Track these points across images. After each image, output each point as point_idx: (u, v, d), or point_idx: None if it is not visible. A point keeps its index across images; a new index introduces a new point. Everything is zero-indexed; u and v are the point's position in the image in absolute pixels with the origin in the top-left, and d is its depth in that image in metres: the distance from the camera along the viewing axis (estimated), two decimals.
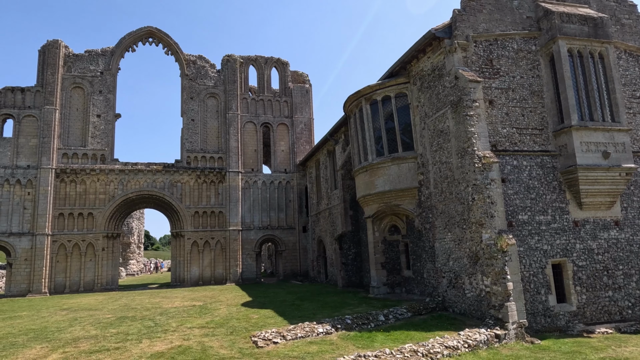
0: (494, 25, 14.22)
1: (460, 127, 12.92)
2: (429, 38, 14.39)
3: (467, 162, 12.59)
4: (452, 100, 13.49)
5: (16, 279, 25.68)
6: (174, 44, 31.39)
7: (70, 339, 9.99)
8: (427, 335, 10.44)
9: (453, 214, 13.42)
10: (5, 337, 10.34)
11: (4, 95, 27.46)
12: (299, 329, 10.37)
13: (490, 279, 11.65)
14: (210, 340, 9.55)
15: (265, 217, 31.19)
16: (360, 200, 17.99)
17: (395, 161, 16.11)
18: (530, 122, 13.86)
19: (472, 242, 12.49)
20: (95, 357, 8.12)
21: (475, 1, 14.19)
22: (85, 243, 27.27)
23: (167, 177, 29.36)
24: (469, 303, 12.63)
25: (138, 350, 8.56)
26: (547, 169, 13.62)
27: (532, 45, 14.45)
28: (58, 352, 8.49)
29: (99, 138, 28.69)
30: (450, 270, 13.59)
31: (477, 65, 13.75)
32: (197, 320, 12.20)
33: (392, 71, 16.80)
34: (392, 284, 17.18)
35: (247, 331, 10.46)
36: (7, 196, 26.40)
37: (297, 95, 33.43)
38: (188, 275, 28.78)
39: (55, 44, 28.41)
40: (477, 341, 9.97)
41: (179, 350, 8.54)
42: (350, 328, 11.05)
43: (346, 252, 21.35)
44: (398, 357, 8.43)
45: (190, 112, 30.72)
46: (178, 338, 9.76)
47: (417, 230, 15.81)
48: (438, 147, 14.27)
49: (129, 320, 12.69)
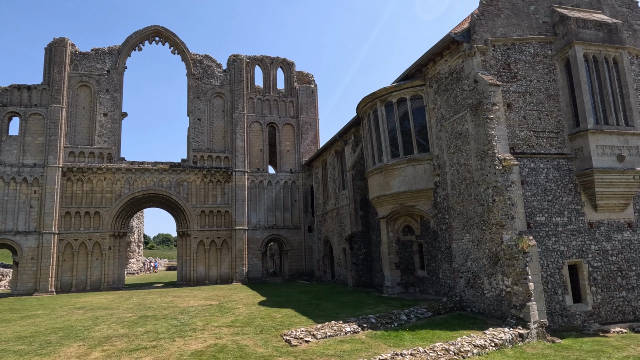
0: (511, 29, 14.46)
1: (481, 129, 13.14)
2: (448, 41, 14.61)
3: (488, 164, 12.80)
4: (471, 103, 13.71)
5: (22, 278, 25.59)
6: (181, 43, 31.40)
7: (102, 337, 10.07)
8: (452, 334, 10.64)
9: (472, 215, 13.64)
10: (35, 336, 10.39)
11: (10, 92, 27.33)
12: (327, 328, 10.53)
13: (511, 279, 11.88)
14: (243, 339, 9.68)
15: (270, 217, 31.30)
16: (374, 201, 18.17)
17: (411, 162, 16.31)
18: (546, 125, 14.12)
19: (491, 243, 12.72)
20: (136, 355, 8.22)
21: (493, 6, 14.43)
22: (92, 242, 27.22)
23: (173, 177, 29.38)
24: (488, 303, 12.86)
25: (175, 349, 8.67)
26: (563, 171, 13.89)
27: (548, 50, 14.70)
28: (97, 351, 8.58)
29: (105, 137, 28.64)
30: (468, 271, 13.81)
31: (495, 69, 13.97)
32: (221, 320, 12.32)
33: (408, 74, 17.01)
34: (406, 283, 17.39)
35: (276, 330, 10.60)
36: (14, 194, 26.29)
37: (302, 96, 33.56)
38: (194, 275, 28.82)
39: (62, 42, 28.31)
40: (503, 340, 10.20)
41: (217, 349, 8.66)
42: (375, 327, 11.24)
43: (356, 252, 21.53)
44: (431, 356, 8.63)
45: (197, 111, 30.75)
46: (210, 337, 9.88)
47: (433, 231, 16.02)
48: (456, 149, 14.49)
49: (152, 320, 12.78)
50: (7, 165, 26.38)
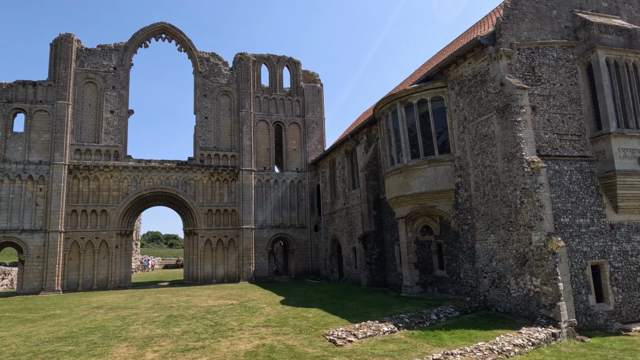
0: (535, 33, 14.69)
1: (508, 132, 13.34)
2: (473, 44, 14.79)
3: (515, 166, 13.01)
4: (497, 105, 13.90)
5: (28, 277, 25.26)
6: (187, 40, 31.19)
7: (143, 337, 10.04)
8: (488, 333, 10.83)
9: (497, 216, 13.84)
10: (74, 336, 10.30)
11: (15, 89, 26.91)
12: (366, 328, 10.64)
13: (540, 280, 12.10)
14: (286, 339, 9.73)
15: (277, 216, 31.31)
16: (392, 201, 18.31)
17: (431, 163, 16.47)
18: (569, 128, 14.38)
19: (519, 243, 12.93)
20: (190, 355, 8.22)
21: (518, 10, 14.63)
22: (98, 240, 26.97)
23: (180, 175, 29.21)
24: (515, 302, 13.07)
25: (225, 349, 8.70)
26: (585, 173, 14.17)
27: (570, 54, 14.97)
28: (149, 351, 8.56)
29: (112, 134, 28.35)
30: (493, 271, 14.02)
31: (520, 72, 14.19)
32: (253, 319, 12.34)
33: (429, 75, 17.16)
34: (424, 283, 17.57)
35: (315, 330, 10.66)
36: (19, 192, 25.92)
37: (308, 95, 33.59)
38: (201, 273, 28.72)
39: (67, 38, 27.94)
40: (539, 339, 10.40)
41: (267, 349, 8.71)
42: (410, 327, 11.37)
43: (370, 251, 21.68)
44: (478, 355, 8.78)
45: (204, 109, 30.60)
46: (253, 337, 9.91)
47: (454, 231, 16.22)
48: (480, 150, 14.68)
49: (182, 319, 12.75)
50: (12, 162, 25.98)
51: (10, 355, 8.32)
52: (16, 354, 8.47)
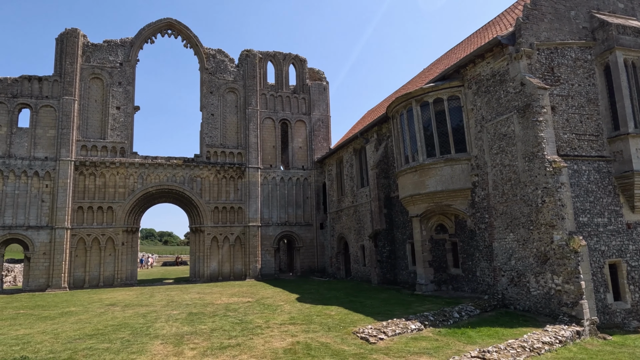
0: (554, 34, 14.78)
1: (529, 132, 13.43)
2: (492, 44, 14.86)
3: (537, 165, 13.11)
4: (518, 105, 13.98)
5: (34, 274, 25.06)
6: (194, 36, 31.01)
7: (174, 335, 10.01)
8: (513, 331, 10.92)
9: (517, 215, 13.95)
10: (103, 334, 10.25)
11: (21, 84, 26.62)
12: (394, 326, 10.69)
13: (561, 278, 12.23)
14: (317, 336, 9.75)
15: (283, 214, 31.29)
16: (406, 200, 18.37)
17: (448, 162, 16.54)
18: (587, 128, 14.51)
19: (540, 242, 13.04)
20: (230, 353, 8.22)
21: (537, 10, 14.72)
22: (105, 237, 26.81)
23: (187, 172, 29.09)
24: (535, 301, 13.19)
25: (262, 347, 8.70)
26: (602, 173, 14.32)
27: (587, 55, 15.09)
28: (186, 349, 8.54)
29: (118, 130, 28.16)
30: (512, 269, 14.13)
31: (540, 72, 14.29)
32: (277, 317, 12.35)
33: (445, 74, 17.22)
34: (439, 281, 17.67)
35: (343, 327, 10.69)
36: (25, 188, 25.68)
37: (314, 93, 33.56)
38: (207, 271, 28.65)
39: (73, 33, 27.68)
40: (565, 337, 10.52)
41: (303, 347, 8.72)
42: (435, 324, 11.44)
43: (381, 249, 21.75)
44: (512, 353, 8.86)
45: (210, 106, 30.47)
46: (284, 335, 9.92)
47: (470, 229, 16.32)
48: (499, 150, 14.76)
49: (205, 317, 12.72)
50: (17, 158, 25.72)
51: (49, 353, 8.26)
52: (53, 351, 8.41)
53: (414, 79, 27.63)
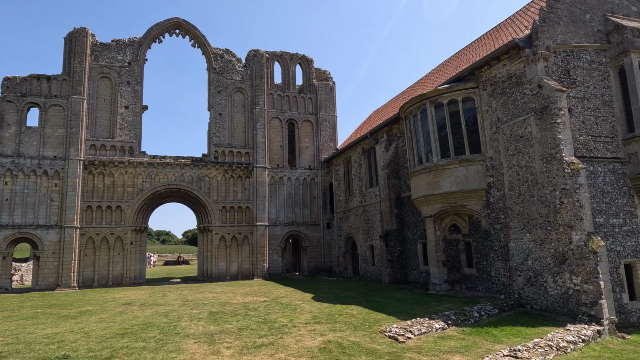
0: (569, 37, 14.96)
1: (547, 133, 13.59)
2: (509, 46, 15.01)
3: (555, 167, 13.27)
4: (535, 107, 14.14)
5: (44, 272, 25.08)
6: (202, 36, 31.05)
7: (204, 334, 10.10)
8: (535, 330, 11.08)
9: (534, 216, 14.11)
10: (133, 333, 10.32)
11: (30, 82, 26.60)
12: (419, 325, 10.82)
13: (580, 278, 12.40)
14: (346, 335, 9.87)
15: (290, 213, 31.40)
16: (419, 200, 18.51)
17: (462, 163, 16.70)
18: (602, 130, 14.70)
19: (558, 242, 13.21)
20: (266, 351, 8.33)
21: (553, 13, 14.89)
22: (113, 237, 26.84)
23: (195, 171, 29.15)
24: (552, 300, 13.36)
25: (295, 346, 8.81)
26: (617, 174, 14.51)
27: (602, 57, 15.27)
28: (222, 347, 8.63)
29: (127, 130, 28.19)
30: (528, 269, 14.30)
31: (556, 74, 14.46)
32: (300, 316, 12.46)
33: (460, 76, 17.38)
34: (452, 281, 17.83)
35: (369, 327, 10.82)
36: (34, 187, 25.68)
37: (321, 93, 33.67)
38: (215, 270, 28.73)
39: (82, 32, 27.67)
40: (587, 336, 10.68)
41: (336, 345, 8.84)
42: (457, 324, 11.58)
43: (392, 249, 21.89)
44: (540, 351, 9.02)
45: (218, 106, 30.53)
46: (313, 333, 10.03)
47: (484, 230, 16.48)
48: (516, 151, 14.92)
49: (227, 316, 12.81)
50: (26, 157, 25.72)
51: (88, 351, 8.34)
52: (91, 349, 8.48)
53: (423, 80, 27.80)
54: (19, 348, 8.76)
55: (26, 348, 8.73)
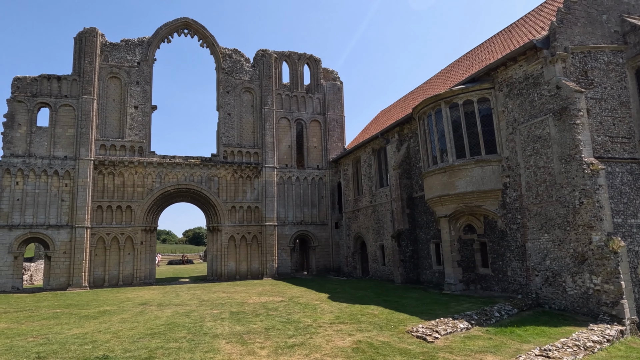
0: (587, 38, 15.03)
1: (566, 134, 13.66)
2: (526, 47, 15.08)
3: (574, 168, 13.35)
4: (553, 108, 14.21)
5: (55, 272, 25.13)
6: (210, 36, 31.09)
7: (232, 334, 10.16)
8: (558, 330, 11.16)
9: (552, 216, 14.19)
10: (161, 333, 10.37)
11: (40, 83, 26.63)
12: (443, 325, 10.90)
13: (600, 278, 12.48)
14: (374, 335, 9.94)
15: (298, 213, 31.47)
16: (434, 200, 18.58)
17: (478, 163, 16.77)
18: (619, 131, 14.78)
19: (577, 243, 13.29)
20: (301, 351, 8.39)
21: (571, 14, 14.96)
22: (124, 236, 26.89)
23: (204, 171, 29.20)
24: (572, 300, 13.45)
25: (327, 346, 8.87)
26: (635, 175, 14.59)
27: (619, 59, 15.35)
28: (256, 347, 8.69)
29: (136, 130, 28.23)
30: (546, 269, 14.38)
31: (574, 75, 14.53)
32: (323, 316, 12.52)
33: (475, 77, 17.44)
34: (467, 281, 17.91)
35: (394, 327, 10.89)
36: (45, 187, 25.72)
37: (329, 93, 33.72)
38: (225, 270, 28.80)
39: (92, 32, 27.69)
40: (611, 336, 10.76)
41: (367, 345, 8.91)
42: (480, 324, 11.66)
43: (404, 249, 21.97)
44: (568, 351, 9.10)
45: (227, 106, 30.58)
46: (341, 333, 10.09)
47: (500, 230, 16.56)
48: (533, 152, 15.00)
49: (249, 316, 12.88)
50: (37, 157, 25.76)
51: (125, 352, 8.39)
52: (128, 350, 8.54)
53: (432, 80, 27.87)
54: (54, 348, 8.82)
55: (61, 348, 8.79)
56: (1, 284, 23.91)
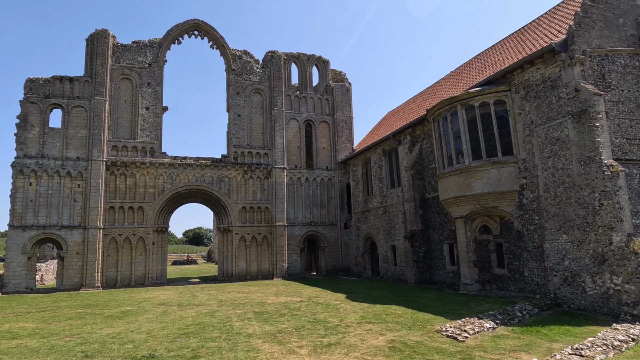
0: (604, 41, 15.23)
1: (585, 136, 13.85)
2: (544, 51, 15.28)
3: (594, 169, 13.54)
4: (572, 110, 14.40)
5: (68, 273, 25.26)
6: (220, 37, 31.24)
7: (264, 333, 10.32)
8: (582, 329, 11.33)
9: (571, 217, 14.38)
10: (195, 333, 10.51)
11: (52, 84, 26.76)
12: (470, 324, 11.07)
13: (621, 278, 12.67)
14: (404, 335, 10.11)
15: (308, 214, 31.64)
16: (449, 201, 18.76)
17: (495, 165, 16.96)
18: (637, 133, 14.96)
19: (597, 243, 13.48)
20: (339, 350, 8.53)
21: (588, 18, 15.16)
22: (136, 237, 27.02)
23: (215, 172, 29.35)
24: (591, 300, 13.63)
25: (363, 345, 9.04)
26: None
27: (635, 61, 15.54)
28: (294, 346, 8.85)
29: (147, 131, 28.37)
30: (565, 270, 14.57)
31: (592, 78, 14.72)
32: (348, 316, 12.68)
33: (491, 79, 17.63)
34: (483, 281, 18.09)
35: (422, 326, 11.05)
36: (57, 188, 25.85)
37: (338, 94, 33.90)
38: (236, 270, 28.96)
39: (104, 34, 27.83)
40: (636, 335, 10.93)
41: (402, 344, 9.08)
42: (504, 323, 11.83)
43: (417, 249, 22.15)
44: (599, 350, 9.28)
45: (237, 107, 30.73)
46: (372, 333, 10.25)
47: (517, 231, 16.74)
48: (551, 153, 15.19)
49: (274, 316, 13.04)
50: (50, 158, 25.88)
51: (167, 351, 8.54)
52: (170, 349, 8.69)
53: (442, 82, 28.05)
54: (96, 347, 8.96)
55: (103, 347, 8.94)
56: (15, 284, 24.03)
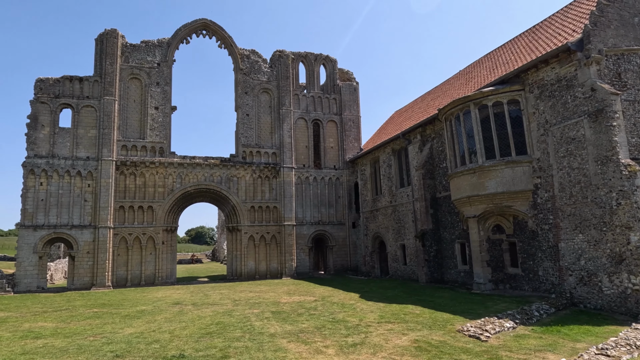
0: (620, 40, 15.20)
1: (602, 136, 13.84)
2: (559, 50, 15.25)
3: (611, 169, 13.53)
4: (588, 110, 14.39)
5: (79, 272, 25.36)
6: (228, 37, 31.26)
7: (287, 333, 10.35)
8: (603, 329, 11.33)
9: (587, 217, 14.37)
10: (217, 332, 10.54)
11: (62, 84, 26.82)
12: (491, 324, 11.09)
13: (639, 278, 12.67)
14: (426, 334, 10.14)
15: (316, 213, 31.68)
16: (462, 201, 18.77)
17: (509, 164, 16.96)
18: None
19: (614, 243, 13.47)
20: (366, 350, 8.57)
21: (604, 17, 15.13)
22: (145, 236, 27.10)
23: (224, 172, 29.41)
24: (608, 300, 13.64)
25: (387, 345, 9.07)
26: None
27: None
28: (319, 346, 8.89)
29: (157, 130, 28.43)
30: (581, 269, 14.57)
31: (608, 78, 14.71)
32: (366, 316, 12.71)
33: (505, 79, 17.62)
34: (496, 280, 18.10)
35: (442, 326, 11.08)
36: (68, 188, 25.94)
37: (345, 93, 33.90)
38: (245, 269, 29.03)
39: (113, 34, 27.87)
40: None
41: (426, 344, 9.11)
42: (523, 323, 11.85)
43: (428, 249, 22.17)
44: (623, 350, 9.29)
45: (245, 106, 30.77)
46: (394, 333, 10.28)
47: (531, 230, 16.74)
48: (567, 153, 15.18)
49: (292, 315, 13.08)
50: (60, 158, 25.97)
51: (195, 351, 8.58)
52: (198, 349, 8.73)
53: (451, 81, 28.02)
54: (124, 347, 9.02)
55: (130, 347, 9.00)
56: (27, 284, 24.13)
